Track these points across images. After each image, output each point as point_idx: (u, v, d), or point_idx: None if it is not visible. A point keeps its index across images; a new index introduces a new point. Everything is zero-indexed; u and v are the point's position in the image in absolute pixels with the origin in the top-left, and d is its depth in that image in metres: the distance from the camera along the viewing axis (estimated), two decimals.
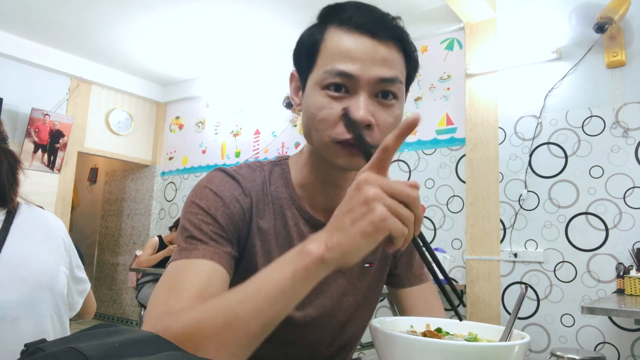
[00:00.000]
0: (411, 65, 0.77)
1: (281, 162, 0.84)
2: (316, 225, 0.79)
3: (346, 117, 0.68)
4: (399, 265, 0.91)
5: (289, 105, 4.31)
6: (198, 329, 0.53)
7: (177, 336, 0.54)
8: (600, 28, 2.90)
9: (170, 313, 0.60)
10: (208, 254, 0.68)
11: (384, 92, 0.71)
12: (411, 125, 0.52)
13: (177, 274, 0.67)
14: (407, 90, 0.80)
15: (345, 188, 0.61)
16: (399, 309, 0.91)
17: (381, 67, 0.70)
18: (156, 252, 4.34)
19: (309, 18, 0.78)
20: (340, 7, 0.74)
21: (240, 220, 0.74)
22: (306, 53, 0.75)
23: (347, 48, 0.70)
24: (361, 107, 0.69)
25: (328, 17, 0.75)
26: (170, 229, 4.57)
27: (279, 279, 0.54)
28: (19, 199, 1.01)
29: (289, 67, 0.80)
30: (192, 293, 0.63)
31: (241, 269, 0.76)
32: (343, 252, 0.51)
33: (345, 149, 0.71)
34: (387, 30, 0.71)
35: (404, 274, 0.91)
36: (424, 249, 0.59)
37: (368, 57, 0.70)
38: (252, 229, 0.76)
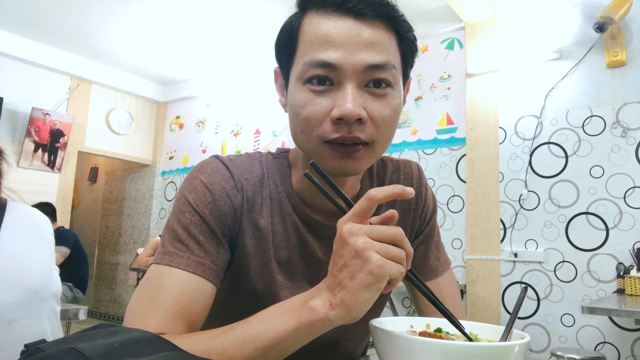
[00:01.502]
0: (406, 46, 0.67)
1: (280, 156, 0.78)
2: (314, 226, 0.74)
3: (315, 167, 0.55)
4: (414, 259, 0.83)
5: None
6: None
7: None
8: (600, 28, 2.90)
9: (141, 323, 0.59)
10: (192, 265, 0.63)
11: (376, 81, 0.63)
12: (405, 195, 0.50)
13: (159, 283, 0.63)
14: (406, 75, 0.71)
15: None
16: (414, 303, 0.86)
17: (367, 51, 0.61)
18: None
19: None
20: None
21: (230, 219, 0.69)
22: (284, 45, 0.67)
23: (325, 33, 0.61)
24: (348, 99, 0.60)
25: (307, 3, 0.66)
26: None
27: (281, 329, 0.53)
28: (5, 196, 0.99)
29: None
30: (172, 311, 0.61)
31: (231, 269, 0.72)
32: (348, 309, 0.49)
33: (335, 151, 0.63)
34: (373, 7, 0.62)
35: (419, 269, 0.84)
36: (418, 282, 0.57)
37: (351, 41, 0.61)
38: (243, 227, 0.70)
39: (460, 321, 0.66)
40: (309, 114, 0.62)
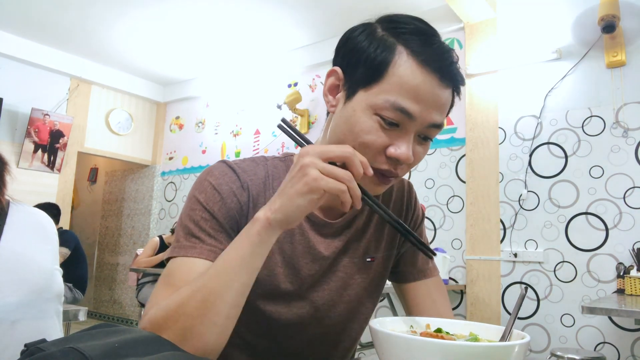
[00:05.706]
0: (453, 103, 0.76)
1: (286, 159, 0.84)
2: (318, 224, 0.80)
3: (285, 122, 0.66)
4: (402, 260, 0.91)
5: (279, 107, 4.42)
6: (181, 311, 0.60)
7: (162, 323, 0.60)
8: (610, 27, 2.86)
9: (155, 304, 0.65)
10: (204, 253, 0.70)
11: (426, 137, 0.72)
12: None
13: (174, 271, 0.70)
14: None
15: None
16: (403, 304, 0.91)
17: (437, 112, 0.69)
18: (156, 253, 4.33)
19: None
20: (409, 26, 0.69)
21: (238, 214, 0.75)
22: (367, 64, 0.69)
23: (416, 86, 0.67)
24: (409, 146, 0.69)
25: (398, 33, 0.69)
26: (172, 231, 4.56)
27: (239, 249, 0.62)
28: (8, 198, 0.99)
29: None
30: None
31: None
32: (284, 213, 0.59)
33: (377, 177, 0.71)
34: (453, 77, 0.70)
35: (407, 270, 0.90)
36: (375, 205, 0.66)
37: (431, 100, 0.68)
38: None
39: (460, 321, 0.66)
40: (370, 142, 0.69)
